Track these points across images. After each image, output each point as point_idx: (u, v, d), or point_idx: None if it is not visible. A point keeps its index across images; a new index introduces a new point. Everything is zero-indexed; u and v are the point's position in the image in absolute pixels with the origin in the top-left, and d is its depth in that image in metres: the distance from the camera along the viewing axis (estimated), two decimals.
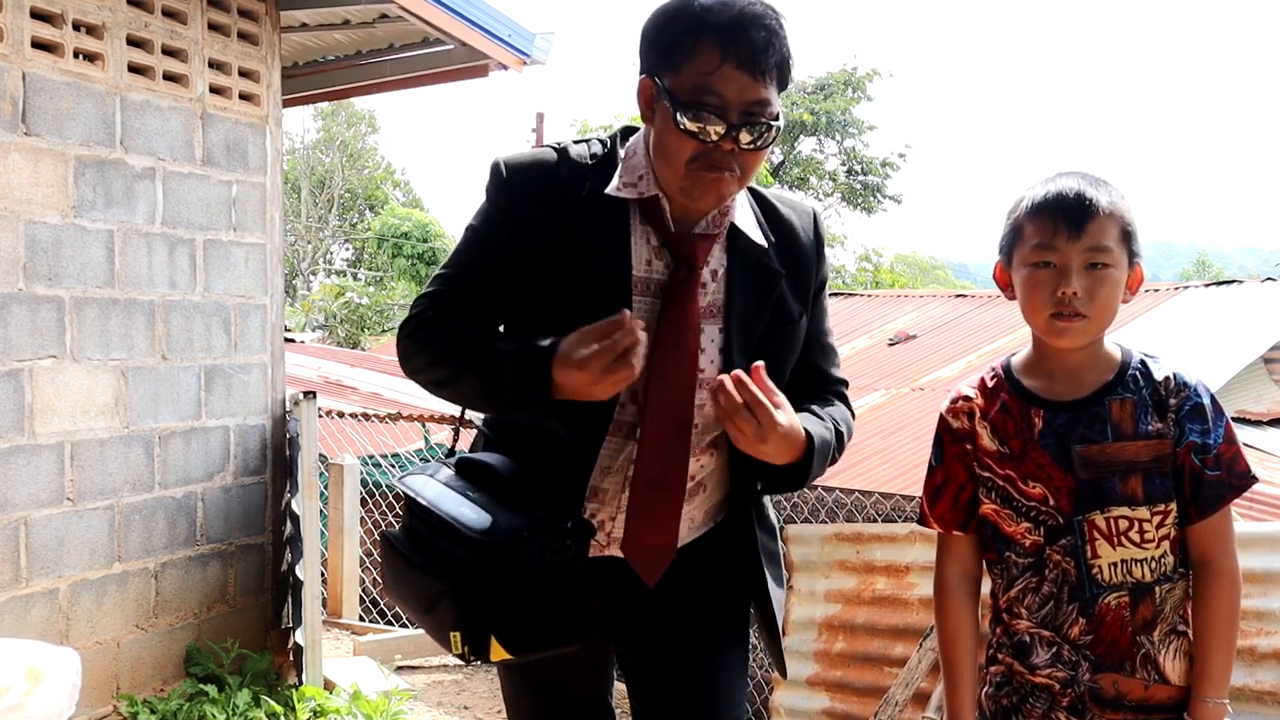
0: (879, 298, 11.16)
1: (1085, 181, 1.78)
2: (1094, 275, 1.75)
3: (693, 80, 1.69)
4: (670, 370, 1.81)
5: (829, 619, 4.11)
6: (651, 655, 1.97)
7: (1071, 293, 1.74)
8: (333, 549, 5.80)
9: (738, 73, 1.69)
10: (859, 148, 26.30)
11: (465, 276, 1.88)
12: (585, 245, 1.80)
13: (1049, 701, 1.86)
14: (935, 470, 1.95)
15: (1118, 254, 1.76)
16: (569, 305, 1.78)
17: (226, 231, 4.41)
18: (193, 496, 4.33)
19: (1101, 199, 1.76)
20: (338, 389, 9.69)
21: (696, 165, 1.72)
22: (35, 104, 3.69)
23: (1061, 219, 1.76)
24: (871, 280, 25.27)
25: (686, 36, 1.70)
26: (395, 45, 5.39)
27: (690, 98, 1.69)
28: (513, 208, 1.83)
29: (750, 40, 1.68)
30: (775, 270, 1.88)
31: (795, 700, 4.11)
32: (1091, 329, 1.78)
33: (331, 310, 25.48)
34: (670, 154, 1.74)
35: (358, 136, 31.71)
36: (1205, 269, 43.44)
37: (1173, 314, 7.84)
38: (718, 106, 1.69)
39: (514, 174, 1.85)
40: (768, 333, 1.88)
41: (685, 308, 1.81)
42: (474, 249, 1.88)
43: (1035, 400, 1.84)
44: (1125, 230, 1.78)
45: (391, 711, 4.28)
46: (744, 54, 1.68)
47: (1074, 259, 1.75)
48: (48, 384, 3.77)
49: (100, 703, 3.99)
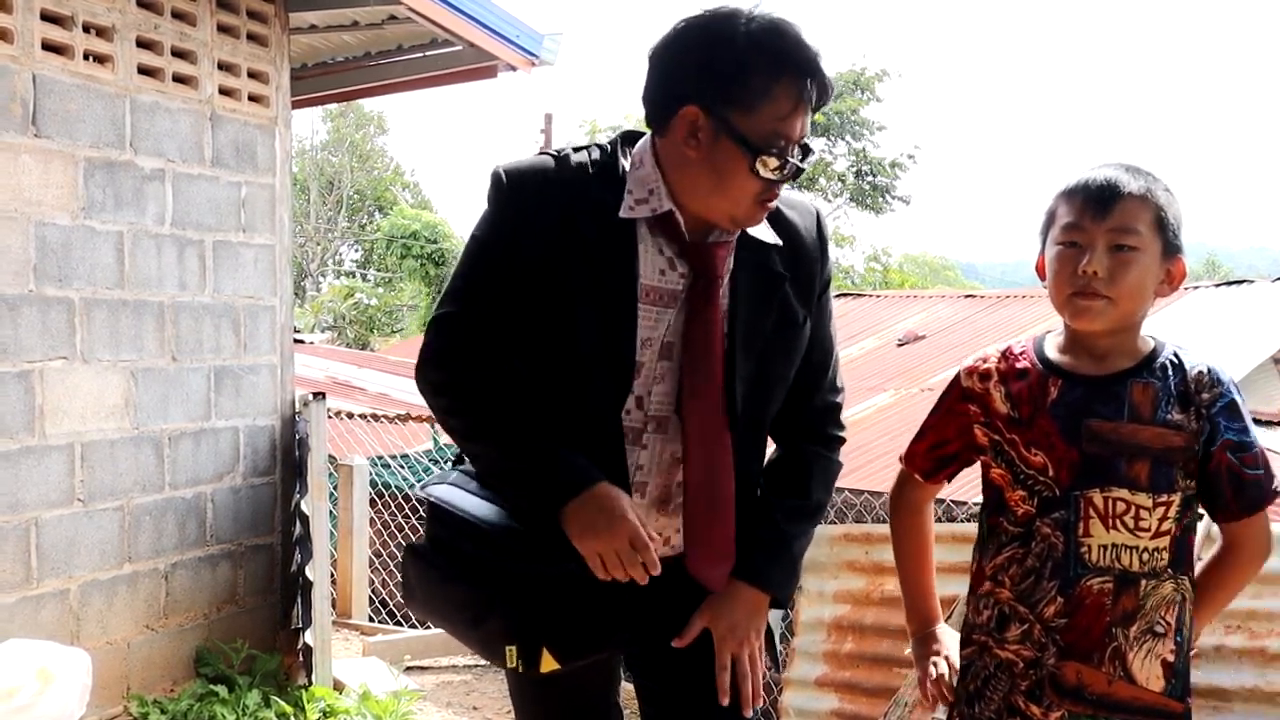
0: (887, 298, 11.14)
1: (1121, 168, 1.78)
2: (1118, 257, 1.73)
3: (770, 125, 1.70)
4: (702, 381, 1.81)
5: (838, 619, 4.10)
6: (659, 654, 1.96)
7: (1092, 270, 1.73)
8: (342, 550, 5.81)
9: (803, 116, 1.72)
10: (868, 148, 26.25)
11: (476, 293, 1.85)
12: (591, 258, 1.78)
13: (1009, 685, 1.82)
14: (928, 418, 1.99)
15: (1148, 239, 1.75)
16: (578, 317, 1.78)
17: (235, 233, 4.42)
18: (202, 497, 4.34)
19: (1133, 184, 1.75)
20: (346, 390, 9.71)
21: (760, 202, 1.76)
22: (45, 106, 3.70)
23: (1090, 200, 1.75)
24: (880, 281, 25.25)
25: (761, 74, 1.69)
26: (404, 46, 5.40)
27: (767, 143, 1.70)
28: (515, 216, 1.82)
29: (820, 86, 1.72)
30: (779, 273, 1.88)
31: (804, 701, 4.10)
32: (1113, 312, 1.75)
33: (340, 311, 25.53)
34: (734, 191, 1.74)
35: (366, 138, 31.76)
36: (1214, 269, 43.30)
37: (1182, 314, 7.82)
38: (787, 148, 1.72)
39: (514, 182, 1.84)
40: (772, 335, 1.88)
41: (709, 316, 1.81)
42: (480, 262, 1.86)
43: (1056, 370, 1.82)
44: (1159, 218, 1.76)
45: (401, 712, 4.29)
46: (815, 101, 1.72)
47: (1099, 239, 1.74)
48: (58, 385, 3.78)
49: (110, 703, 4.00)
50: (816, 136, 25.90)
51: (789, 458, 2.01)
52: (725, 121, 1.70)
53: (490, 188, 1.86)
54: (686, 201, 1.79)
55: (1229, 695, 3.19)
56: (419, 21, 4.67)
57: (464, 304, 1.85)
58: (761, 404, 1.91)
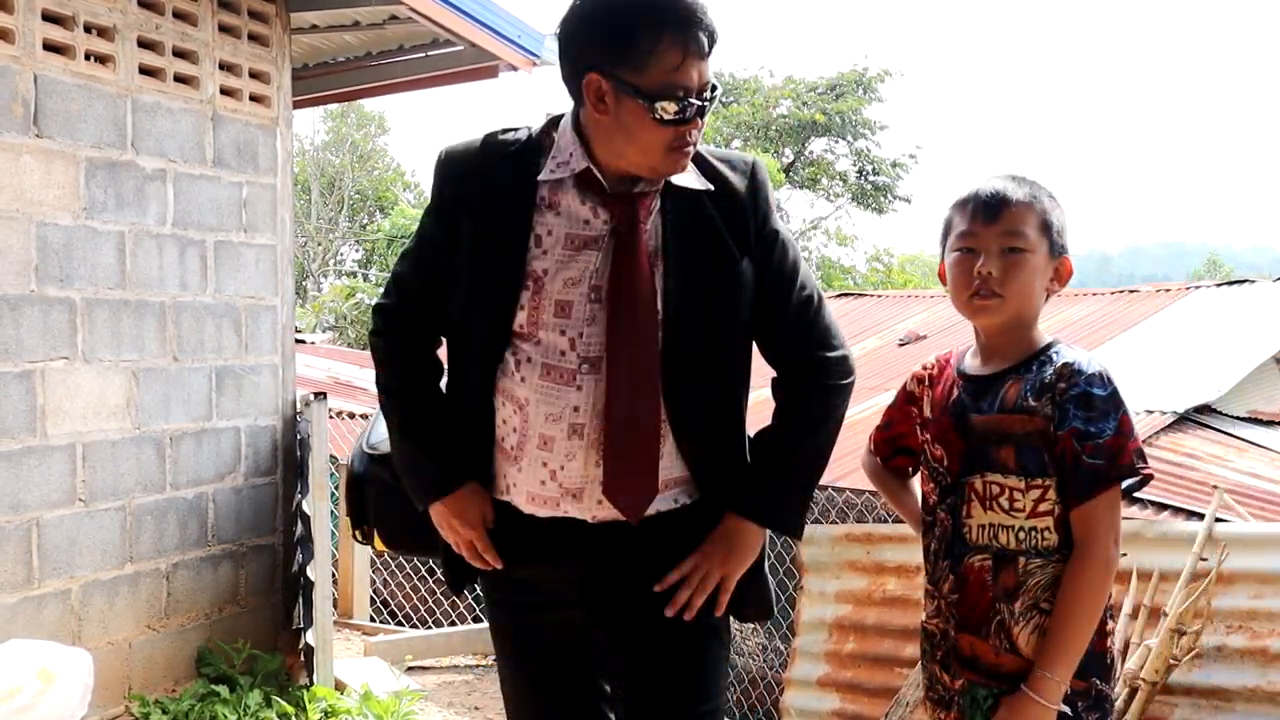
0: (889, 298, 11.12)
1: (1008, 179, 1.96)
2: (1009, 259, 1.91)
3: (662, 78, 1.82)
4: (626, 318, 1.92)
5: (839, 619, 4.10)
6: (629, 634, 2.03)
7: (986, 271, 1.91)
8: (343, 550, 5.81)
9: (696, 62, 1.84)
10: (870, 148, 26.23)
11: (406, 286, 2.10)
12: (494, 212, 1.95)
13: (930, 655, 2.04)
14: (888, 408, 2.21)
15: (1035, 241, 1.92)
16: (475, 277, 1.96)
17: (237, 233, 4.42)
18: (204, 497, 4.34)
19: (1018, 192, 1.93)
20: (348, 390, 9.70)
21: (672, 149, 1.87)
22: (46, 106, 3.70)
23: (980, 208, 1.94)
24: (882, 280, 25.22)
25: (644, 35, 1.82)
26: (405, 47, 5.40)
27: (663, 94, 1.83)
28: (444, 192, 2.02)
29: (702, 33, 1.84)
30: (708, 214, 1.98)
31: (806, 701, 4.10)
32: (1007, 309, 1.93)
33: (342, 311, 25.52)
34: (645, 143, 1.87)
35: (367, 138, 31.74)
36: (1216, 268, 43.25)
37: (1184, 314, 7.80)
38: (685, 96, 1.84)
39: (446, 161, 2.03)
40: (710, 271, 1.97)
41: (632, 259, 1.93)
42: (414, 251, 2.09)
43: (961, 373, 2.03)
44: (1044, 221, 1.93)
45: (402, 712, 4.29)
46: (701, 48, 1.84)
47: (991, 243, 1.92)
48: (59, 385, 3.79)
49: (112, 703, 4.00)
50: (818, 137, 25.92)
51: (782, 401, 2.10)
52: (623, 82, 1.83)
53: (434, 165, 2.05)
54: (608, 160, 1.92)
55: (1230, 695, 3.19)
56: (420, 21, 4.67)
57: (396, 296, 2.11)
58: (704, 338, 1.98)
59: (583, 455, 1.94)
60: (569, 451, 1.95)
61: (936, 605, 2.02)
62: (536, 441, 1.96)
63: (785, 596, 5.08)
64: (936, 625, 2.02)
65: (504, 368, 1.98)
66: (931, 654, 2.03)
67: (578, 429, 1.94)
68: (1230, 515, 3.74)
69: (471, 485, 2.04)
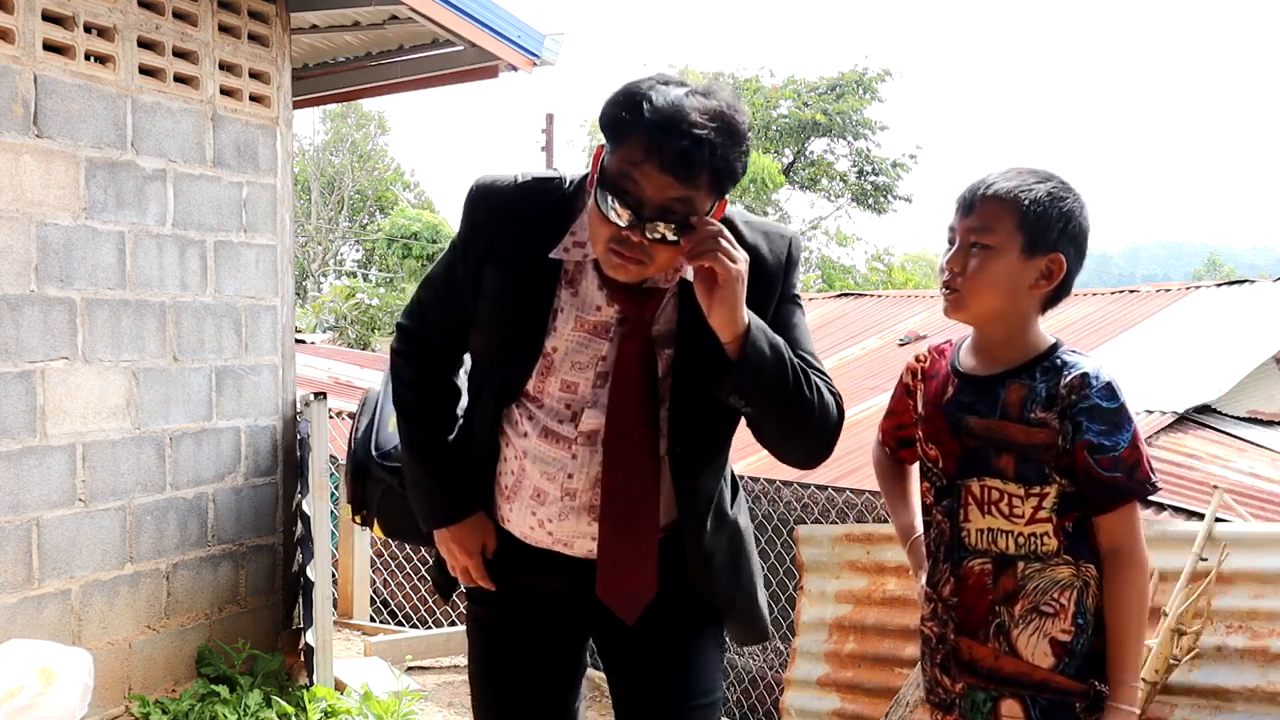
0: (890, 298, 11.12)
1: (1013, 172, 1.90)
2: (973, 254, 1.88)
3: (619, 166, 1.74)
4: (621, 411, 1.90)
5: (839, 620, 4.10)
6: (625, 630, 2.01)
7: (948, 265, 1.91)
8: (343, 550, 5.81)
9: (658, 173, 1.71)
10: (870, 148, 26.24)
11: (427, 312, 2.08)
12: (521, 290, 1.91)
13: (929, 656, 2.03)
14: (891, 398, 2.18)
15: (1004, 238, 1.86)
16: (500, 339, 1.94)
17: (237, 233, 4.43)
18: (204, 497, 4.34)
19: (1003, 185, 1.87)
20: (348, 390, 9.70)
21: (609, 249, 1.78)
22: (47, 106, 3.70)
23: (961, 201, 1.92)
24: (883, 280, 25.22)
25: (625, 124, 1.73)
26: (405, 47, 5.40)
27: (613, 182, 1.74)
28: (471, 231, 1.96)
29: (673, 146, 1.69)
30: None
31: (806, 701, 4.10)
32: (964, 303, 1.91)
33: (342, 311, 25.51)
34: (594, 233, 1.81)
35: (367, 138, 31.74)
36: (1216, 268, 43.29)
37: (1184, 314, 7.80)
38: (634, 198, 1.73)
39: (480, 198, 1.96)
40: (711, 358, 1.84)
41: (631, 352, 1.89)
42: (439, 276, 2.06)
43: (956, 371, 1.99)
44: (1025, 218, 1.85)
45: (402, 712, 4.29)
46: (665, 159, 1.70)
47: (961, 236, 1.90)
48: (59, 385, 3.79)
49: (112, 703, 4.00)
50: (818, 137, 25.91)
51: None
52: (603, 161, 1.79)
53: (466, 196, 1.99)
54: None
55: (1231, 695, 3.19)
56: (420, 22, 4.67)
57: (419, 321, 2.10)
58: (701, 425, 1.94)
59: (575, 516, 1.97)
60: (561, 512, 1.97)
61: (934, 607, 2.01)
62: (530, 492, 1.99)
63: (785, 596, 5.08)
64: (933, 629, 2.02)
65: (509, 415, 1.99)
66: (931, 657, 2.03)
67: (571, 493, 1.96)
68: (1230, 515, 3.73)
69: (478, 516, 2.06)
